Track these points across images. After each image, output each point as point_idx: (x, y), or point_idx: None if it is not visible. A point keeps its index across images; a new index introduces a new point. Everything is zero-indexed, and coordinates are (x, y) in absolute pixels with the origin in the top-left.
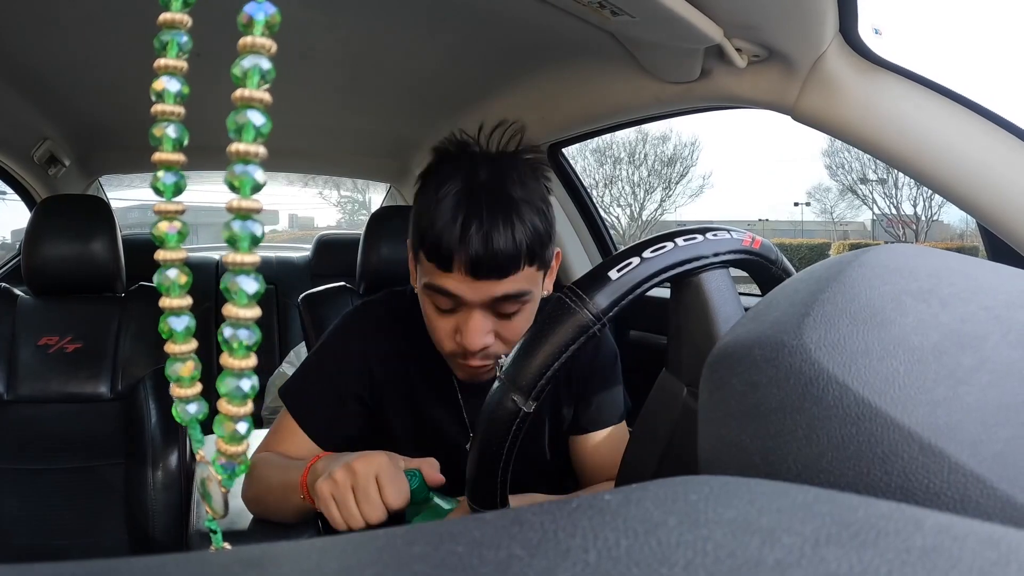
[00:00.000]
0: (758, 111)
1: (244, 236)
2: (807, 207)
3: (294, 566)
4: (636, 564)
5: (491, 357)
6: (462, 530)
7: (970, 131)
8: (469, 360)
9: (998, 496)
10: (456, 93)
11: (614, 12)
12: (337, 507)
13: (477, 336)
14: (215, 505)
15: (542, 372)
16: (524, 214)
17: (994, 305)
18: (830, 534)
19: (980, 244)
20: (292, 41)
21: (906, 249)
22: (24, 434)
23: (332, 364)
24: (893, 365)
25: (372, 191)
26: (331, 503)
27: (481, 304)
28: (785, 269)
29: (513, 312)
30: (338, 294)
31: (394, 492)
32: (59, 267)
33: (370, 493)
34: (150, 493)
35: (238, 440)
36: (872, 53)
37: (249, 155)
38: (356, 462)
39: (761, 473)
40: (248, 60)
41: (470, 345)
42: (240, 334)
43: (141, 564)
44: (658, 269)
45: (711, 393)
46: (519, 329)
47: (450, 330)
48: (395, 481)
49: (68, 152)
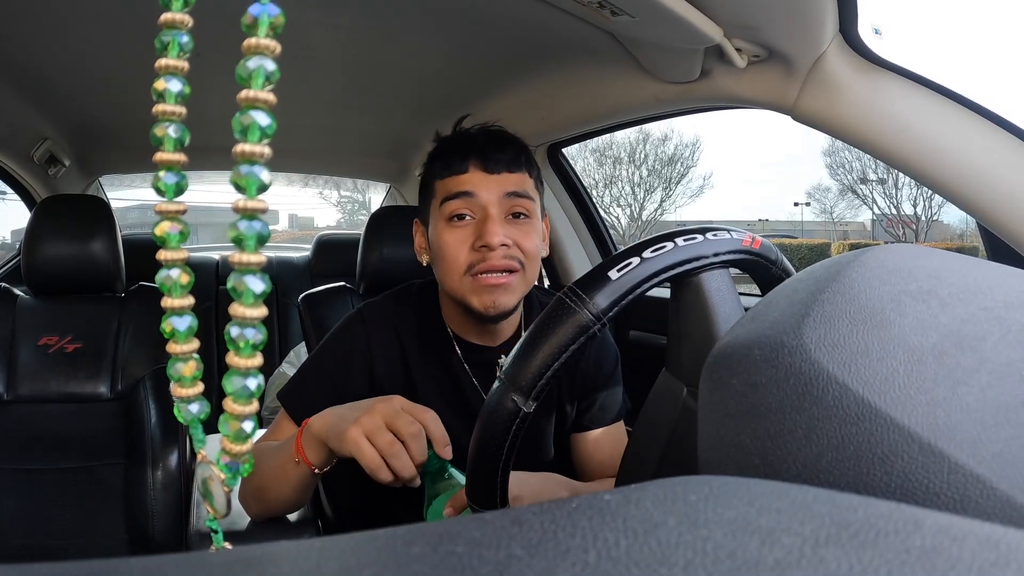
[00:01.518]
0: (758, 111)
1: (250, 236)
2: (807, 207)
3: (294, 566)
4: (636, 564)
5: (512, 259)
6: (462, 530)
7: (970, 131)
8: (490, 261)
9: (998, 496)
10: (456, 93)
11: (614, 12)
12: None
13: (497, 232)
14: (217, 505)
15: (542, 372)
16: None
17: (993, 305)
18: (830, 534)
19: (980, 244)
20: (293, 41)
21: (905, 249)
22: (24, 434)
23: (332, 364)
24: (892, 365)
25: (372, 191)
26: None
27: (496, 206)
28: (785, 269)
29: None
30: (338, 294)
31: (418, 449)
32: (59, 267)
33: (398, 450)
34: (150, 493)
35: (243, 439)
36: (872, 53)
37: (255, 156)
38: (379, 406)
39: (761, 473)
40: (253, 61)
41: (492, 239)
42: (247, 333)
43: (141, 564)
44: (658, 269)
45: (711, 393)
46: (532, 241)
47: (468, 239)
48: (418, 438)
49: (68, 152)
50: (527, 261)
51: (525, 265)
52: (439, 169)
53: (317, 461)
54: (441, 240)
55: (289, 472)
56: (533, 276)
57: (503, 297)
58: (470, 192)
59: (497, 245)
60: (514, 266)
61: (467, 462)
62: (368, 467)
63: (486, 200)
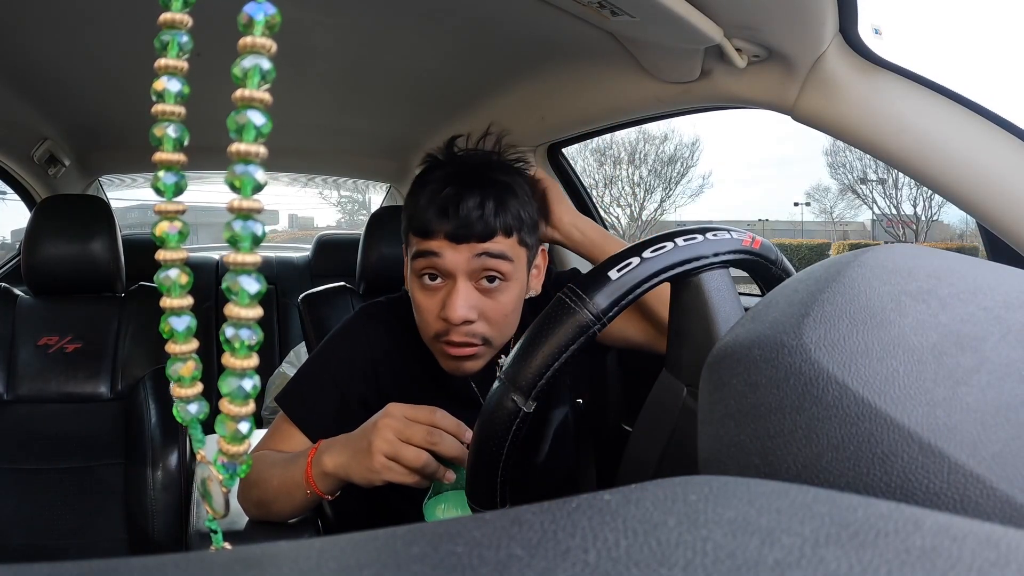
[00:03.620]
0: (758, 111)
1: (245, 236)
2: (807, 207)
3: (294, 566)
4: (636, 564)
5: (475, 336)
6: (462, 530)
7: (970, 131)
8: (452, 336)
9: (997, 496)
10: (456, 93)
11: (614, 12)
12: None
13: (460, 307)
14: (216, 505)
15: (542, 372)
16: (502, 192)
17: (993, 305)
18: (829, 534)
19: (980, 244)
20: (292, 41)
21: (905, 249)
22: (24, 434)
23: (335, 365)
24: (892, 365)
25: (372, 191)
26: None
27: (464, 273)
28: (785, 269)
29: (495, 285)
30: (338, 294)
31: (448, 446)
32: (59, 267)
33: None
34: (150, 493)
35: (240, 440)
36: (872, 53)
37: (250, 155)
38: (386, 425)
39: (760, 473)
40: (248, 60)
41: (452, 314)
42: (242, 334)
43: (141, 564)
44: (658, 269)
45: (711, 393)
46: (502, 308)
47: (436, 308)
48: (439, 443)
49: (68, 152)
50: (493, 333)
51: (491, 338)
52: (408, 221)
53: (329, 490)
54: (413, 295)
55: (297, 497)
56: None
57: (468, 364)
58: (437, 253)
59: (458, 321)
60: (475, 343)
61: (467, 462)
62: (408, 484)
63: (452, 265)
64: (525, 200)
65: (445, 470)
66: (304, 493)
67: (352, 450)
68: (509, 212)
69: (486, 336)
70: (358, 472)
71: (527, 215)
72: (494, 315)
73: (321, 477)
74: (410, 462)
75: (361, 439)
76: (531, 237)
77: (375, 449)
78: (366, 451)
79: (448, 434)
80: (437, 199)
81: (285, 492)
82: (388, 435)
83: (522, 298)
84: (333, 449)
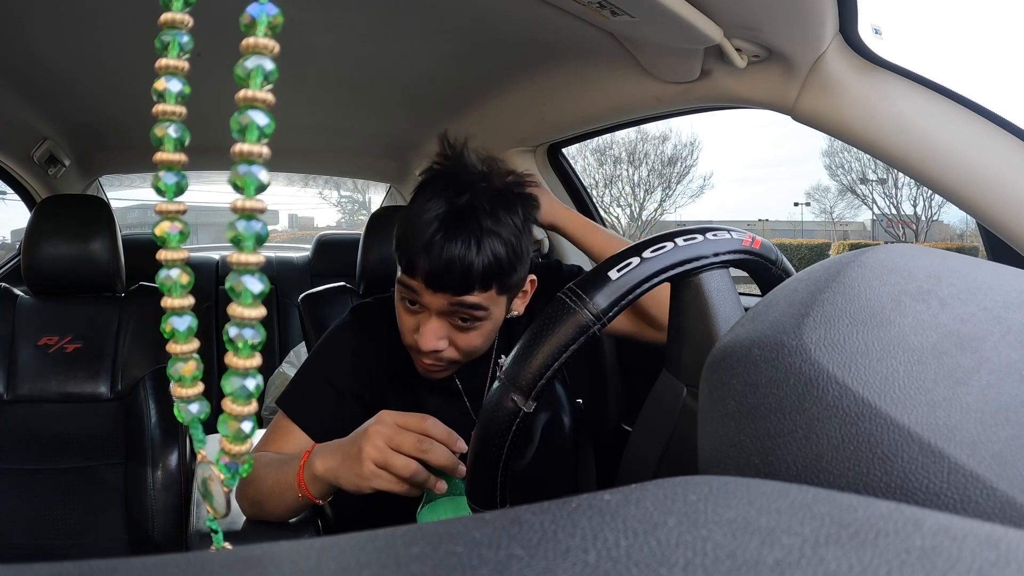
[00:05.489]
0: (758, 111)
1: (248, 236)
2: (807, 207)
3: (294, 566)
4: (636, 564)
5: (442, 360)
6: (462, 530)
7: (970, 131)
8: (422, 357)
9: (998, 496)
10: (456, 93)
11: (614, 12)
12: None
13: (430, 339)
14: (217, 505)
15: (542, 372)
16: (486, 244)
17: (993, 305)
18: (829, 534)
19: (980, 244)
20: (292, 41)
21: (905, 249)
22: (24, 434)
23: (331, 363)
24: (892, 365)
25: (372, 191)
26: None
27: (438, 310)
28: (785, 269)
29: (468, 324)
30: (338, 294)
31: (438, 455)
32: (59, 267)
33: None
34: (150, 493)
35: (242, 439)
36: (872, 53)
37: (253, 155)
38: (376, 431)
39: (760, 473)
40: (251, 61)
41: (422, 345)
42: (245, 333)
43: (141, 564)
44: (658, 269)
45: (711, 393)
46: (473, 341)
47: (412, 326)
48: (428, 452)
49: (68, 152)
50: (461, 358)
51: (459, 360)
52: (397, 241)
53: (320, 494)
54: (396, 305)
55: (289, 498)
56: (477, 356)
57: (437, 374)
58: (415, 291)
59: (427, 350)
60: (441, 367)
61: (467, 462)
62: (398, 492)
63: (428, 303)
64: (510, 241)
65: (436, 479)
66: (296, 495)
67: (342, 455)
68: (490, 265)
69: (454, 360)
70: (347, 478)
71: (507, 256)
72: (464, 346)
73: (312, 481)
74: (399, 470)
75: (352, 445)
76: (509, 277)
77: (365, 456)
78: (356, 457)
79: (439, 443)
80: (424, 235)
81: (278, 493)
82: (378, 442)
83: (497, 328)
84: (324, 453)
